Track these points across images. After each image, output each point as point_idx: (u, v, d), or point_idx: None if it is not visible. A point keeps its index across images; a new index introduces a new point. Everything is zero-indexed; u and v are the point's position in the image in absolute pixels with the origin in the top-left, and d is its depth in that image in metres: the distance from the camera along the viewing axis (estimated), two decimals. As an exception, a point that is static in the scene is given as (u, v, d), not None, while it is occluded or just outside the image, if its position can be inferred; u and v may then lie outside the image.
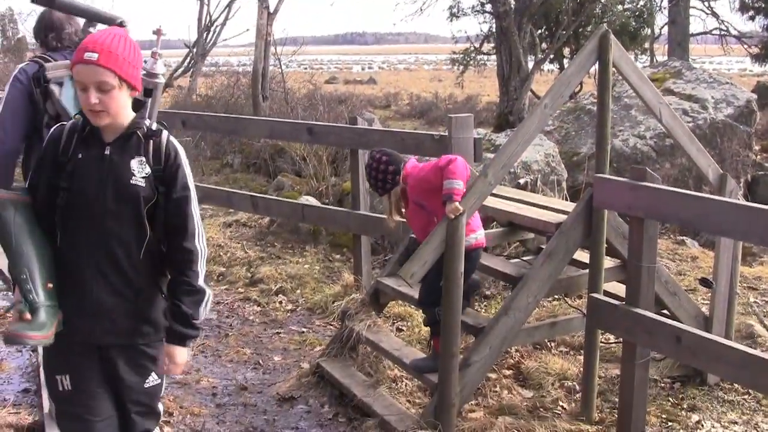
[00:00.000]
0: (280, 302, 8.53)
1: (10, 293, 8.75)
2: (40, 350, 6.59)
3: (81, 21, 4.87)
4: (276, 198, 10.40)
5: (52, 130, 3.66)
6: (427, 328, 7.09)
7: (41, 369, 5.00)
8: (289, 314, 8.23)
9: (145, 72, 3.70)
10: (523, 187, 8.67)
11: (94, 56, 3.33)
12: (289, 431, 5.78)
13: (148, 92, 3.79)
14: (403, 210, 5.84)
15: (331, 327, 7.68)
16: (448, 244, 5.22)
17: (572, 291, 6.90)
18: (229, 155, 17.11)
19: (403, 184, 5.60)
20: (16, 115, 4.79)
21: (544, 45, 21.27)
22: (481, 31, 25.09)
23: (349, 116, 9.83)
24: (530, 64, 19.24)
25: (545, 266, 5.61)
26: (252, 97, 19.56)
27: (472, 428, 5.49)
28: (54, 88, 4.76)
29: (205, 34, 28.55)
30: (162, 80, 3.84)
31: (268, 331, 7.73)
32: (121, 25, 4.26)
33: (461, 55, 26.13)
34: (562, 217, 5.83)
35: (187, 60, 28.10)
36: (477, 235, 5.57)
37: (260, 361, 7.01)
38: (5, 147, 4.83)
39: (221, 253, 10.14)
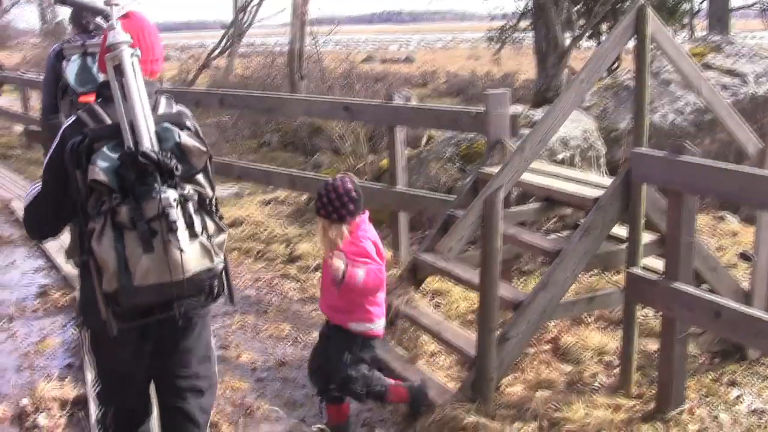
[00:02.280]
0: (318, 279, 8.53)
1: (53, 271, 8.87)
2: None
3: None
4: (314, 175, 10.42)
5: None
6: (466, 303, 7.14)
7: (84, 345, 5.12)
8: (327, 291, 8.26)
9: None
10: (561, 163, 8.64)
11: None
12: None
13: None
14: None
15: (370, 303, 7.71)
16: (485, 219, 5.23)
17: (610, 266, 6.89)
18: (266, 134, 17.16)
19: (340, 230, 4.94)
20: (48, 83, 6.29)
21: (581, 21, 21.06)
22: (518, 8, 24.96)
23: (385, 94, 9.84)
24: (567, 41, 19.09)
25: (583, 241, 5.60)
26: (289, 77, 19.56)
27: (511, 402, 5.51)
28: (65, 63, 6.12)
29: (241, 15, 28.48)
30: None
31: (307, 308, 7.78)
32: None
33: (498, 33, 26.01)
34: (600, 192, 5.81)
35: (224, 40, 28.06)
36: (374, 325, 5.16)
37: (299, 337, 7.06)
38: (44, 104, 6.52)
39: (260, 231, 10.18)
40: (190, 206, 3.37)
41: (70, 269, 8.43)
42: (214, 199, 3.57)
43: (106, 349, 3.76)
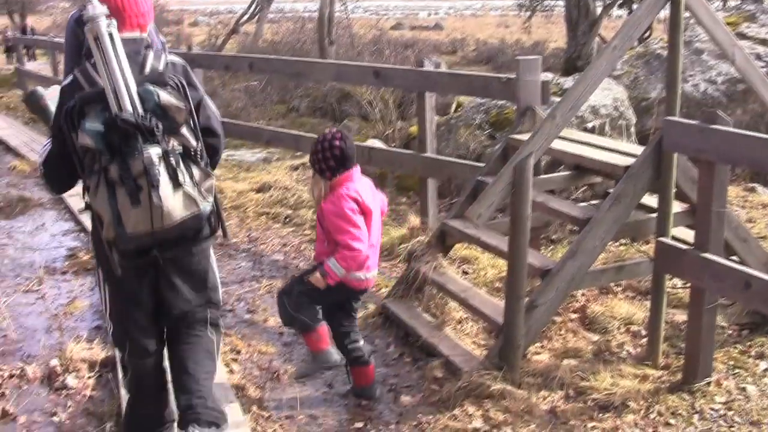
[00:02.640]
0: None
1: (82, 234, 8.92)
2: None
3: None
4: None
5: None
6: (494, 271, 7.13)
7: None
8: (355, 256, 8.27)
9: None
10: (591, 131, 8.59)
11: None
12: (355, 370, 5.84)
13: None
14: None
15: (397, 269, 7.70)
16: (514, 186, 5.20)
17: (639, 235, 6.86)
18: (295, 100, 17.14)
19: (329, 186, 5.04)
20: (70, 48, 5.71)
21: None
22: (550, -25, 24.77)
23: (415, 60, 9.81)
24: (599, 9, 18.94)
25: (613, 209, 5.57)
26: (318, 42, 19.54)
27: (537, 371, 5.51)
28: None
29: (271, -20, 28.46)
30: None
31: (336, 273, 7.78)
32: None
33: (528, 0, 25.85)
34: (631, 161, 5.76)
35: (253, 6, 28.01)
36: (362, 274, 5.16)
37: (327, 302, 7.07)
38: (66, 70, 5.97)
39: (288, 196, 10.19)
40: (173, 160, 3.74)
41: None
42: (199, 149, 3.92)
43: (116, 285, 4.15)
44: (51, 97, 4.33)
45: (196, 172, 3.87)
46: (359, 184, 5.04)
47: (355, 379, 5.41)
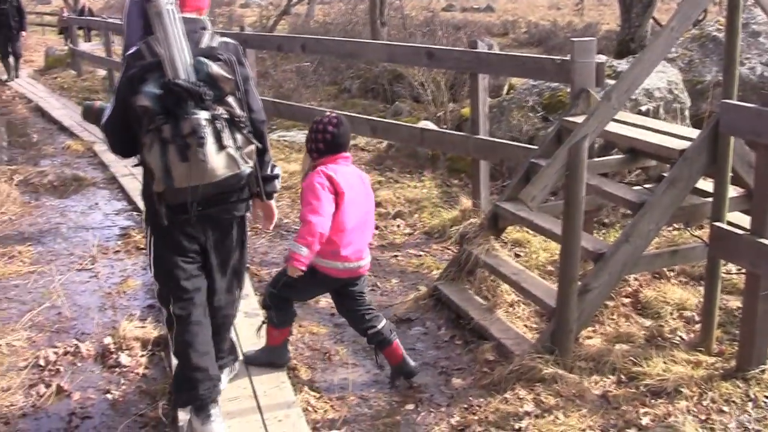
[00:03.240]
0: (398, 226, 8.58)
1: (135, 213, 9.00)
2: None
3: None
4: (395, 122, 10.39)
5: None
6: (546, 254, 7.10)
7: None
8: (406, 238, 8.29)
9: None
10: (645, 114, 8.50)
11: None
12: (407, 352, 5.82)
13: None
14: None
15: (449, 251, 7.70)
16: (569, 168, 5.16)
17: (694, 220, 6.76)
18: (346, 81, 17.13)
19: (313, 166, 5.07)
20: (134, 23, 5.73)
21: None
22: (603, -44, 24.51)
23: (468, 41, 9.75)
24: (654, -10, 18.72)
25: (667, 193, 5.51)
26: (370, 23, 19.50)
27: (589, 355, 5.46)
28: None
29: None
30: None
31: (386, 254, 7.80)
32: None
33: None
34: (686, 144, 5.68)
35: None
36: (341, 264, 5.10)
37: (378, 284, 7.09)
38: (129, 42, 5.76)
39: (339, 177, 10.20)
40: (219, 124, 4.18)
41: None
42: (244, 118, 4.35)
43: (162, 237, 4.53)
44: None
45: (239, 137, 4.30)
46: (341, 167, 5.03)
47: (387, 359, 5.40)
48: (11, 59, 21.37)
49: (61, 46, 27.50)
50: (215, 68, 4.22)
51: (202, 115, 4.13)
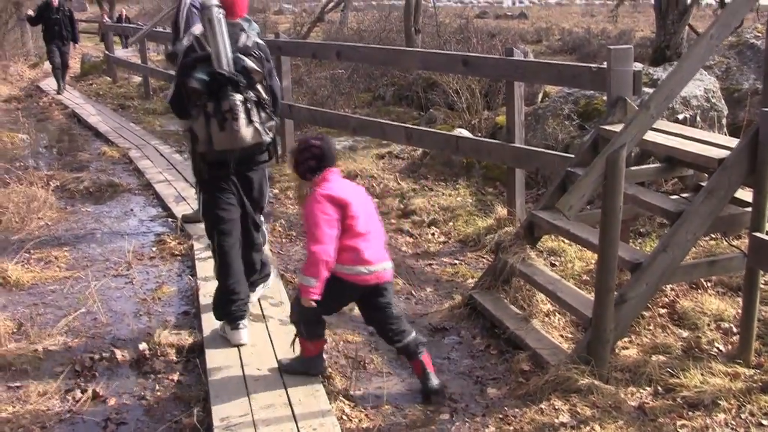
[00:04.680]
0: (433, 234, 8.57)
1: (170, 219, 9.04)
2: (199, 273, 6.82)
3: None
4: (430, 130, 10.37)
5: None
6: (581, 263, 7.06)
7: (200, 293, 6.58)
8: (441, 246, 8.27)
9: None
10: (682, 123, 8.44)
11: None
12: (441, 361, 5.81)
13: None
14: None
15: (484, 259, 7.67)
16: (607, 177, 5.13)
17: (732, 230, 6.71)
18: (381, 88, 17.13)
19: (310, 187, 5.18)
20: (185, 22, 7.69)
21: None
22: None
23: (503, 48, 9.73)
24: (689, -2, 18.59)
25: (705, 203, 5.45)
26: (404, 30, 19.50)
27: (625, 366, 5.43)
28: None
29: (356, -32, 28.47)
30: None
31: (420, 262, 7.78)
32: None
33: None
34: (725, 153, 5.62)
35: (339, -7, 28.11)
36: (364, 268, 5.09)
37: (412, 292, 7.07)
38: (177, 36, 7.76)
39: (374, 185, 10.22)
40: (249, 105, 5.61)
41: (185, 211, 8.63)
42: (267, 100, 5.76)
43: (207, 186, 5.95)
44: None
45: (263, 115, 5.76)
46: (335, 184, 5.08)
47: (414, 371, 5.40)
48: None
49: (97, 53, 27.69)
50: (249, 63, 5.63)
51: (237, 98, 5.52)
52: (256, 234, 6.25)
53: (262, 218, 6.45)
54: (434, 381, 5.30)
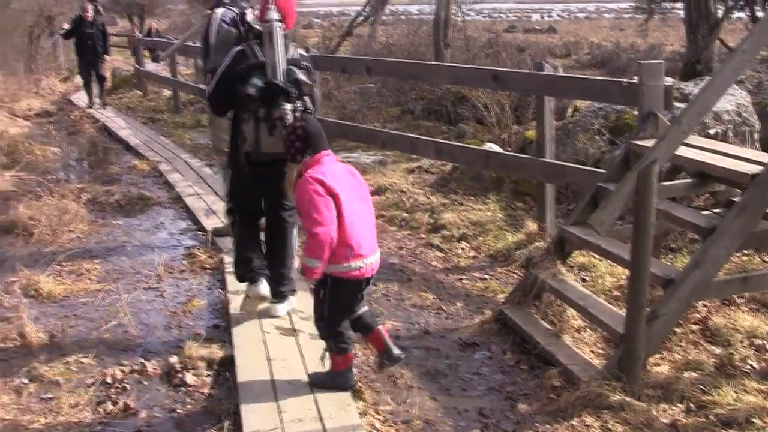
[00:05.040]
0: (463, 248, 8.55)
1: (200, 233, 9.07)
2: (229, 287, 6.82)
3: None
4: (460, 144, 10.37)
5: None
6: (612, 279, 7.03)
7: (230, 306, 6.73)
8: (471, 261, 8.25)
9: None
10: (713, 138, 8.40)
11: None
12: (471, 376, 5.80)
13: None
14: None
15: (514, 274, 7.66)
16: (638, 193, 5.11)
17: (766, 246, 6.67)
18: (409, 102, 17.14)
19: (300, 170, 5.23)
20: (224, 35, 7.83)
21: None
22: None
23: (533, 63, 9.72)
24: (719, 12, 18.53)
25: (738, 219, 5.41)
26: (434, 45, 19.52)
27: (657, 382, 5.38)
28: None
29: (386, -18, 28.51)
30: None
31: (451, 277, 7.78)
32: None
33: (646, 3, 25.45)
34: (758, 168, 5.58)
35: (367, 8, 28.13)
36: (358, 262, 5.12)
37: (442, 307, 7.06)
38: (219, 46, 7.84)
39: (404, 199, 10.23)
40: (297, 113, 5.98)
41: (215, 224, 8.67)
42: (313, 110, 6.21)
43: (239, 176, 6.46)
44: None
45: None
46: (329, 168, 5.12)
47: (373, 346, 5.53)
48: (94, 85, 20.83)
49: (128, 67, 27.87)
50: (300, 75, 6.07)
51: (288, 107, 5.95)
52: (283, 216, 6.51)
53: (297, 221, 6.46)
54: (395, 350, 5.42)
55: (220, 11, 7.93)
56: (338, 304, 5.17)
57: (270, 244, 6.59)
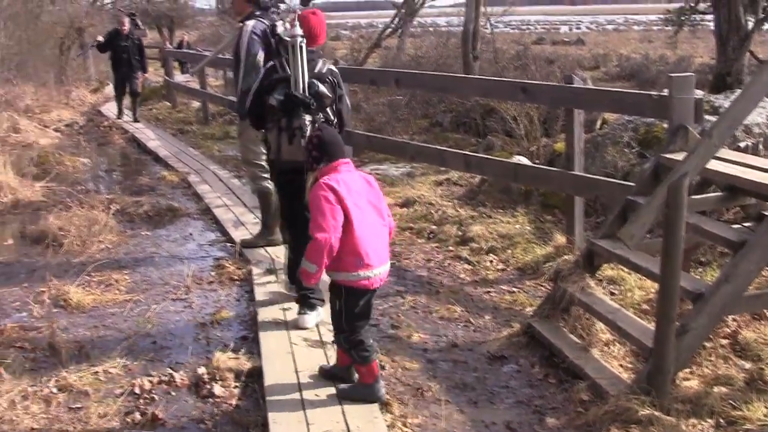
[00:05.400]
0: (491, 261, 8.53)
1: (228, 244, 9.10)
2: (257, 298, 6.87)
3: None
4: (489, 157, 10.36)
5: None
6: (641, 292, 7.00)
7: (258, 318, 6.69)
8: (499, 273, 8.23)
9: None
10: (743, 151, 8.35)
11: None
12: (500, 389, 5.79)
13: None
14: None
15: (542, 288, 7.63)
16: (669, 206, 5.09)
17: (797, 260, 6.61)
18: (438, 114, 17.14)
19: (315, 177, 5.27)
20: (253, 47, 8.00)
21: (765, 3, 20.24)
22: (698, -11, 24.22)
23: (563, 75, 9.71)
24: (750, 23, 18.43)
25: (770, 233, 5.39)
26: (462, 57, 19.54)
27: (686, 397, 5.34)
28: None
29: (414, -6, 28.54)
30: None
31: (479, 290, 7.76)
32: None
33: (676, 15, 25.37)
34: (790, 182, 5.56)
35: (396, 20, 28.20)
36: (366, 272, 5.13)
37: (470, 319, 7.04)
38: (252, 60, 8.09)
39: (432, 211, 10.22)
40: (317, 125, 6.18)
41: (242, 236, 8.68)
42: (335, 122, 6.62)
43: (278, 183, 7.00)
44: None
45: None
46: (344, 176, 5.14)
47: (363, 374, 5.43)
48: (126, 99, 20.49)
49: (157, 78, 28.01)
50: (321, 88, 6.39)
51: (307, 118, 6.30)
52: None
53: None
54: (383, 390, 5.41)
55: (251, 23, 8.06)
56: (354, 313, 5.19)
57: (297, 251, 6.54)
